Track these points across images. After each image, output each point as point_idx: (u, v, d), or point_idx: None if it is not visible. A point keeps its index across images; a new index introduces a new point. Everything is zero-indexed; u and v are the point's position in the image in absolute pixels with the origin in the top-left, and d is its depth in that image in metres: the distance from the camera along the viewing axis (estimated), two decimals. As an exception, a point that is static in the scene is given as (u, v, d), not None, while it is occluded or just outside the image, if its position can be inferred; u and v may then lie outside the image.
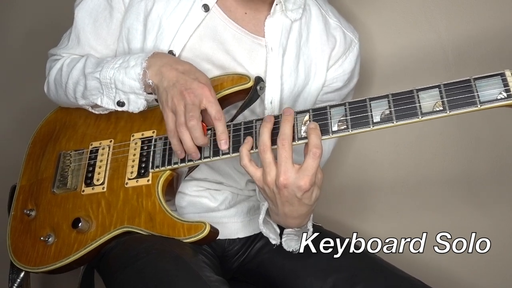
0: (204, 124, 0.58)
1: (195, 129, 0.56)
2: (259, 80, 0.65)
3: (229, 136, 0.60)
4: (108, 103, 0.64)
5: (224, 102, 0.67)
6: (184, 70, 0.59)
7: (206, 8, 0.67)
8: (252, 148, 0.58)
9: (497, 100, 0.50)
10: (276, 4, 0.67)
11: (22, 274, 0.71)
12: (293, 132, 0.56)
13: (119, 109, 0.64)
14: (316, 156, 0.52)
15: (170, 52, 0.65)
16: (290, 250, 0.64)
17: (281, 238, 0.65)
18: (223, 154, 0.60)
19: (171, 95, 0.58)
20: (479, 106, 0.50)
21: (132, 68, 0.61)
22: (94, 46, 0.71)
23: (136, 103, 0.63)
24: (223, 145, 0.58)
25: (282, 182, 0.53)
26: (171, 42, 0.66)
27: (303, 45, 0.71)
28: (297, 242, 0.63)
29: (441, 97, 0.51)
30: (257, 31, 0.69)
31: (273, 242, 0.64)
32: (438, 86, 0.52)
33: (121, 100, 0.63)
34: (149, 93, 0.63)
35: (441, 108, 0.51)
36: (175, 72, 0.59)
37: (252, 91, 0.65)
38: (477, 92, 0.50)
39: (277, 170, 0.53)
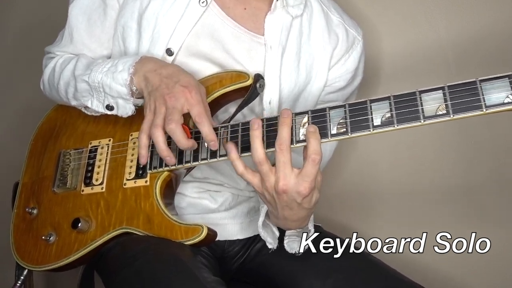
0: (186, 126, 0.57)
1: (174, 132, 0.55)
2: (258, 77, 0.63)
3: (226, 137, 0.59)
4: (98, 106, 0.64)
5: (223, 100, 0.66)
6: (168, 75, 0.58)
7: (204, 2, 0.65)
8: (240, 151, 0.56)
9: (503, 104, 0.47)
10: (277, 0, 0.65)
11: (25, 272, 0.72)
12: (291, 134, 0.55)
13: (109, 112, 0.64)
14: (315, 163, 0.51)
15: (168, 50, 0.64)
16: (293, 252, 0.64)
17: (283, 241, 0.64)
18: (220, 156, 0.59)
19: (153, 99, 0.57)
20: (484, 110, 0.48)
21: (120, 73, 0.60)
22: (87, 44, 0.70)
23: (125, 108, 0.62)
24: (212, 147, 0.57)
25: (281, 187, 0.52)
26: (168, 40, 0.64)
27: (305, 43, 0.69)
28: (299, 243, 0.63)
29: (445, 100, 0.49)
30: (257, 29, 0.67)
31: (270, 246, 0.64)
32: (442, 88, 0.50)
33: (110, 104, 0.63)
34: (139, 97, 0.62)
35: (445, 112, 0.49)
36: (158, 77, 0.58)
37: (251, 89, 0.63)
38: (482, 95, 0.48)
39: (276, 175, 0.52)
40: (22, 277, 0.71)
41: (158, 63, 0.61)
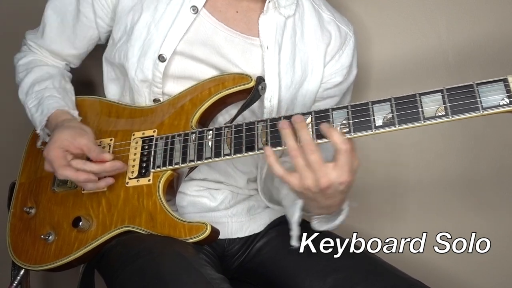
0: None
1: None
2: (260, 80, 0.64)
3: (231, 137, 0.60)
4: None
5: (225, 101, 0.67)
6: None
7: (194, 9, 0.66)
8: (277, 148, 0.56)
9: (499, 106, 0.49)
10: (269, 2, 0.67)
11: (22, 272, 0.71)
12: (294, 134, 0.56)
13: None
14: (348, 151, 0.52)
15: (160, 56, 0.65)
16: (322, 229, 0.62)
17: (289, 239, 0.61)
18: (224, 155, 0.60)
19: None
20: (481, 111, 0.50)
21: (38, 117, 0.69)
22: (57, 41, 0.75)
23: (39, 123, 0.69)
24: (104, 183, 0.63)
25: (324, 184, 0.52)
26: (160, 46, 0.65)
27: (299, 41, 0.70)
28: (327, 223, 0.61)
29: (444, 102, 0.51)
30: (250, 30, 0.68)
31: (294, 243, 0.59)
32: (441, 91, 0.52)
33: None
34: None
35: (444, 113, 0.51)
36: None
37: (253, 91, 0.64)
38: (479, 97, 0.50)
39: (315, 176, 0.52)
40: (18, 277, 0.71)
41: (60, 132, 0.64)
